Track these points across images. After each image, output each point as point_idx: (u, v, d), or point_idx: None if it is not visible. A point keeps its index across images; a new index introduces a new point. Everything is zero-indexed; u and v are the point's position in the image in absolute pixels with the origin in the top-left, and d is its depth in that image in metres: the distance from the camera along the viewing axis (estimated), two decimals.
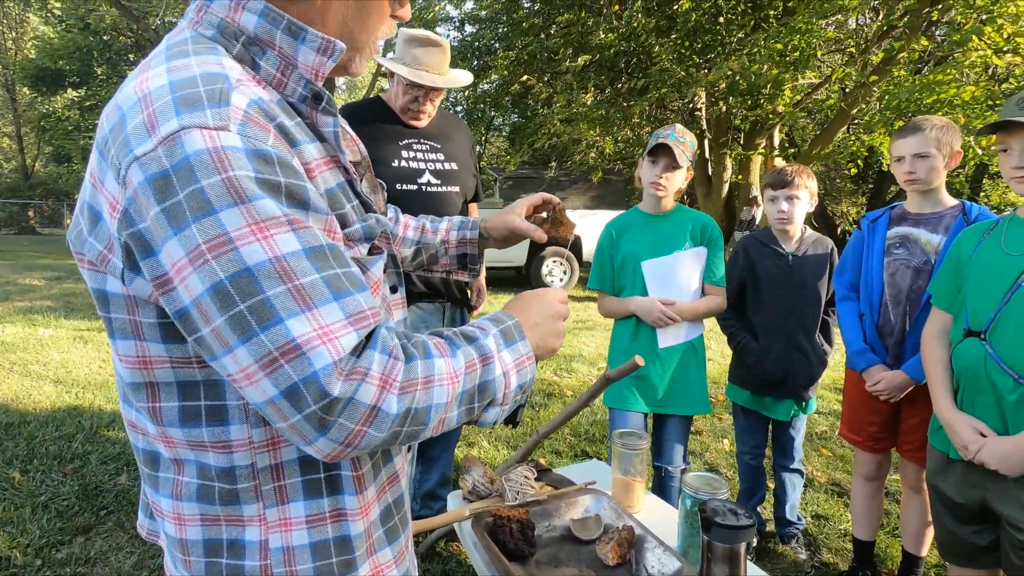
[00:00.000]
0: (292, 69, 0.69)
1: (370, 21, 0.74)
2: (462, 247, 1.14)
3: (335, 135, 0.73)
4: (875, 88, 6.20)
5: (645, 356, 2.10)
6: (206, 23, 0.69)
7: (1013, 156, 1.44)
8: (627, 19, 6.63)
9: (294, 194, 0.59)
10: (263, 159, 0.57)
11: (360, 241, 0.71)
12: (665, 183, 2.05)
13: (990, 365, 1.45)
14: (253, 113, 0.60)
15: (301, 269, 0.57)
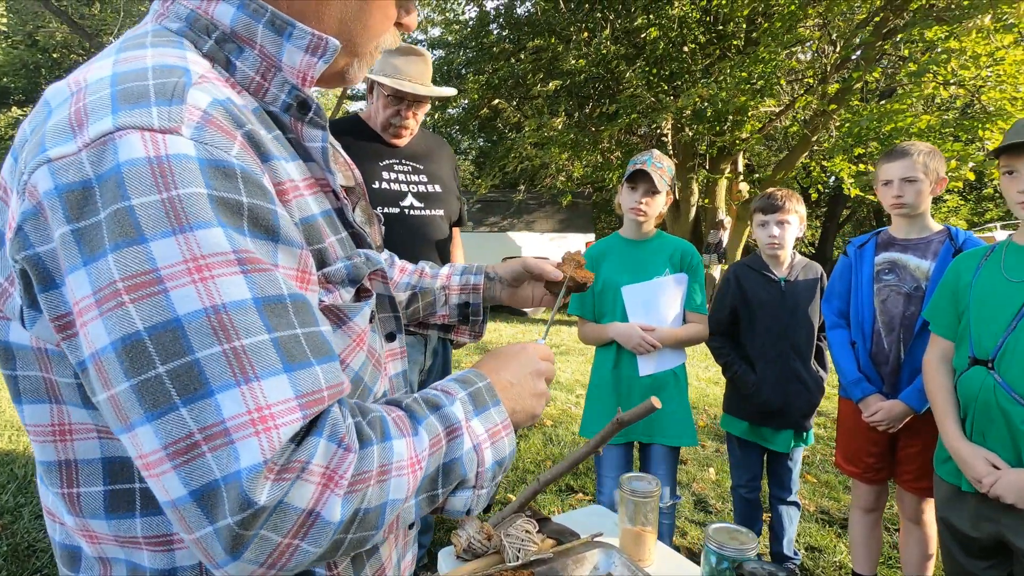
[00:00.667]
0: (275, 72, 0.57)
1: (372, 22, 0.63)
2: (464, 293, 0.99)
3: (323, 151, 0.61)
4: (835, 116, 6.44)
5: (627, 384, 2.09)
6: (173, 15, 0.57)
7: (1021, 179, 1.42)
8: (596, 46, 6.72)
9: (260, 219, 0.47)
10: (223, 172, 0.46)
11: (342, 284, 0.59)
12: (645, 208, 2.06)
13: (1000, 394, 1.41)
14: (216, 115, 0.48)
15: (247, 326, 0.44)
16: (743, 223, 7.93)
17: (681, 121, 6.84)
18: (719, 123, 6.48)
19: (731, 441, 2.35)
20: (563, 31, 7.05)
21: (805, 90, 6.81)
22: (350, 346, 0.60)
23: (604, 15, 7.11)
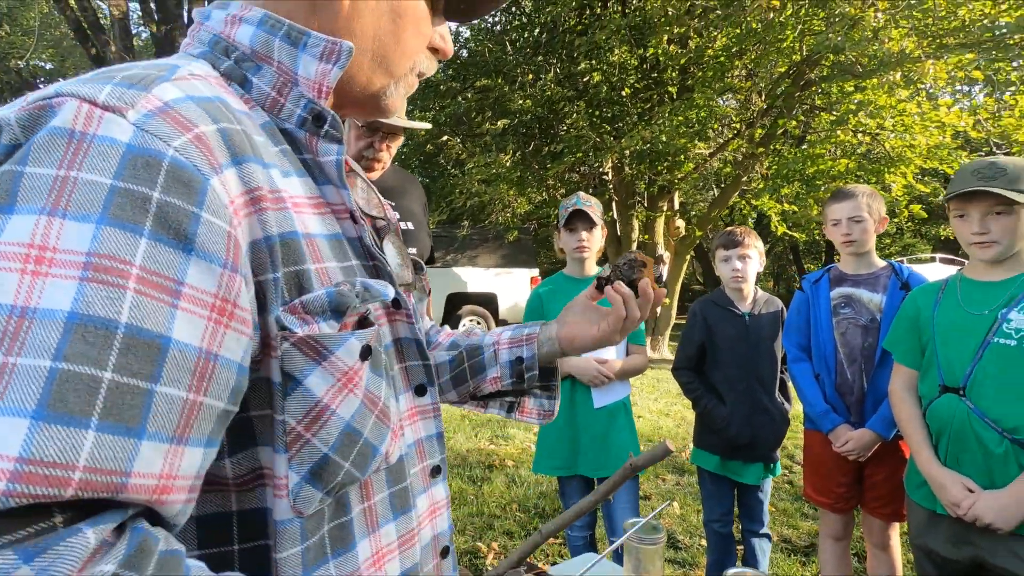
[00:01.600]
0: (291, 87, 0.55)
1: (405, 38, 0.60)
2: (515, 346, 0.85)
3: (337, 164, 0.56)
4: (762, 159, 6.92)
5: (582, 417, 2.14)
6: (197, 41, 0.56)
7: (973, 222, 1.53)
8: (540, 87, 6.94)
9: (169, 220, 0.39)
10: (145, 162, 0.39)
11: (322, 314, 0.50)
12: (587, 243, 2.19)
13: (974, 420, 1.48)
14: (178, 108, 0.43)
15: (37, 343, 0.34)
16: (681, 258, 8.28)
17: (622, 161, 7.12)
18: (659, 163, 6.81)
19: (702, 476, 2.36)
20: (510, 72, 7.25)
21: (735, 134, 7.29)
22: (334, 387, 0.50)
23: (548, 59, 7.38)
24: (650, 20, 6.34)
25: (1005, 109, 6.38)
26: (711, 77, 6.53)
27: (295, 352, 0.48)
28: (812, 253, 20.66)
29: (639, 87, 7.19)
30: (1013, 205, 1.47)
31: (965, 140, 7.22)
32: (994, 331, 1.49)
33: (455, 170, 9.68)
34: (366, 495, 0.57)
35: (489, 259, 9.48)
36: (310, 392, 0.49)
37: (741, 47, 6.09)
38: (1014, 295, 1.50)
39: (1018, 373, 1.44)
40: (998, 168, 1.49)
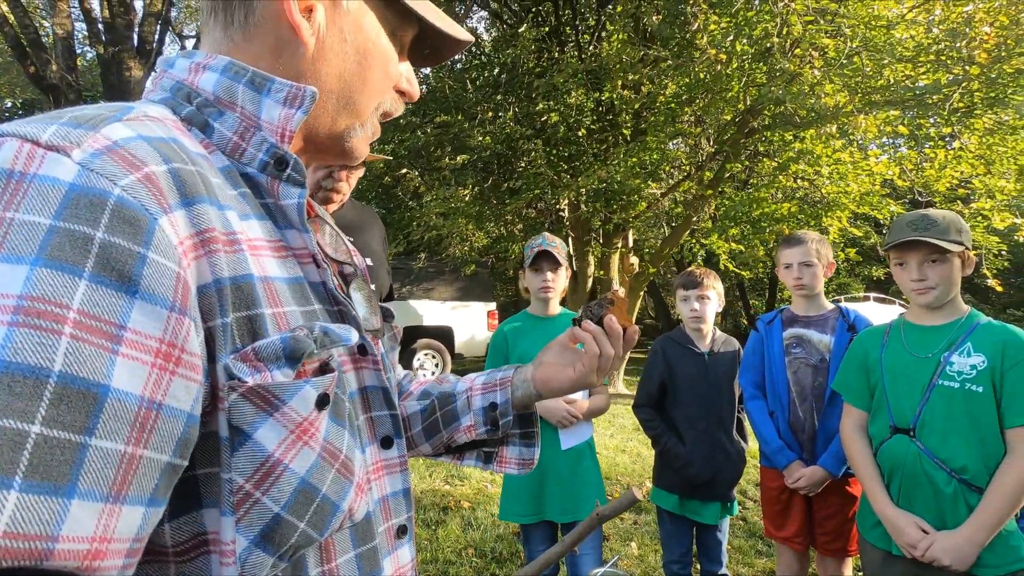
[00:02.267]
0: (253, 131, 0.54)
1: (372, 80, 0.60)
2: (489, 392, 0.81)
3: (299, 208, 0.54)
4: (710, 200, 7.24)
5: (548, 459, 2.10)
6: (159, 88, 0.56)
7: (911, 270, 1.62)
8: (499, 125, 7.07)
9: (113, 261, 0.37)
10: (89, 201, 0.37)
11: (276, 361, 0.47)
12: (552, 284, 2.20)
13: (925, 461, 1.54)
14: (127, 147, 0.41)
15: None
16: (635, 294, 8.45)
17: (579, 199, 7.29)
18: (614, 202, 7.00)
19: (661, 516, 2.34)
20: (469, 109, 7.36)
21: (685, 176, 7.61)
22: (288, 439, 0.46)
23: (507, 98, 7.55)
24: (605, 66, 6.61)
25: (926, 161, 6.93)
26: (663, 122, 6.82)
27: (244, 403, 0.45)
28: (757, 290, 21.55)
29: (595, 128, 7.43)
30: (946, 253, 1.57)
31: (892, 188, 7.78)
32: (938, 374, 1.57)
33: (413, 202, 9.65)
34: (326, 557, 0.54)
35: (445, 292, 9.41)
36: (260, 446, 0.45)
37: (690, 95, 6.41)
38: (953, 339, 1.59)
39: (962, 414, 1.51)
40: (930, 220, 1.59)
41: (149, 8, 11.14)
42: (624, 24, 6.81)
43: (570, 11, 8.01)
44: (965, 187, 6.90)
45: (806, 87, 5.42)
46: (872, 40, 5.34)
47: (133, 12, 10.72)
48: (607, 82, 6.73)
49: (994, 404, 1.49)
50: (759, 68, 5.90)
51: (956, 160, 6.53)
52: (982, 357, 1.52)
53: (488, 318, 9.34)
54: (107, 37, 10.49)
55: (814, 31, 5.32)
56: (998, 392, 1.49)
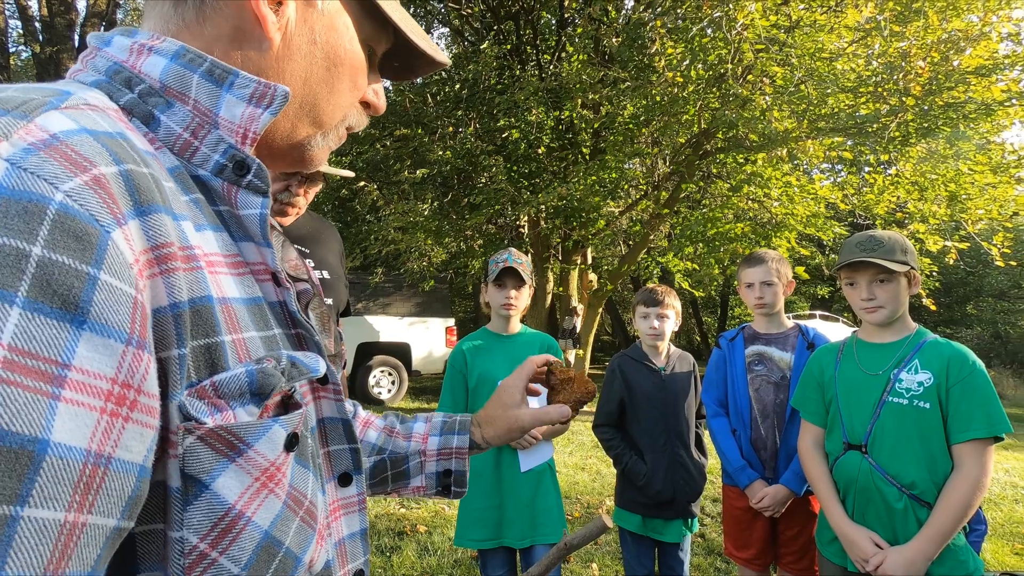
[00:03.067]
0: (208, 128, 0.47)
1: (339, 89, 0.55)
2: (444, 459, 0.81)
3: (261, 219, 0.48)
4: (667, 219, 7.42)
5: (508, 482, 2.05)
6: (91, 68, 0.48)
7: (861, 289, 1.67)
8: (460, 140, 7.07)
9: (54, 282, 0.30)
10: (23, 209, 0.30)
11: (240, 398, 0.42)
12: (515, 302, 2.16)
13: (876, 477, 1.56)
14: (69, 143, 0.34)
15: None
16: (594, 310, 8.53)
17: (539, 216, 7.34)
18: (573, 219, 7.08)
19: (624, 536, 2.31)
20: (430, 123, 7.33)
21: (642, 195, 7.78)
22: (252, 488, 0.41)
23: (468, 114, 7.56)
24: (565, 85, 6.72)
25: (866, 186, 7.33)
26: (621, 141, 6.98)
27: (201, 448, 0.39)
28: (709, 307, 22.18)
29: (555, 146, 7.52)
30: (893, 273, 1.62)
31: (835, 211, 8.18)
32: (888, 391, 1.61)
33: (371, 216, 9.50)
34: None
35: (402, 308, 9.24)
36: (219, 498, 0.39)
37: (648, 116, 6.59)
38: (902, 356, 1.63)
39: (910, 431, 1.55)
40: (877, 241, 1.64)
41: (93, 8, 10.69)
42: (584, 45, 6.97)
43: (531, 31, 8.14)
44: (902, 211, 7.32)
45: (757, 112, 5.65)
46: (817, 70, 5.63)
47: (74, 11, 10.25)
48: (567, 101, 6.84)
49: (941, 420, 1.53)
50: (713, 92, 6.12)
51: (893, 185, 6.93)
52: (928, 374, 1.57)
53: (446, 334, 9.22)
54: (44, 36, 9.98)
55: (765, 59, 5.57)
56: (944, 408, 1.53)
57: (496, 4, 7.97)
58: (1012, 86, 5.44)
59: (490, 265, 2.19)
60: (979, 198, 6.52)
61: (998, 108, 5.54)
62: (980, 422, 1.47)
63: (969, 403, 1.50)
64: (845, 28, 5.66)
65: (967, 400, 1.50)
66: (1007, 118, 5.96)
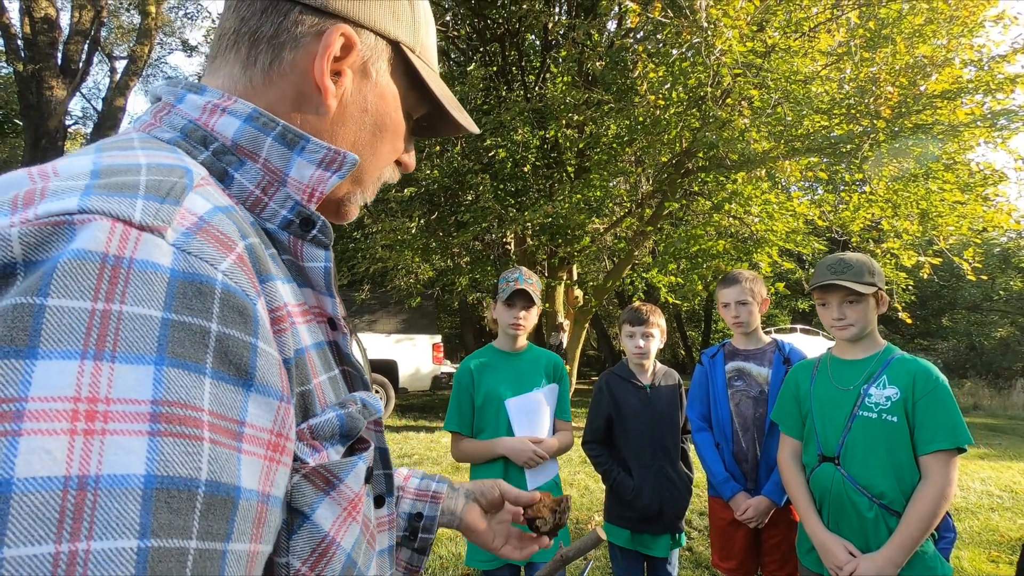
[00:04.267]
0: (277, 186, 0.51)
1: (381, 152, 0.60)
2: (420, 501, 0.82)
3: (326, 272, 0.53)
4: (650, 236, 7.58)
5: None
6: (166, 125, 0.50)
7: (832, 310, 1.77)
8: (447, 159, 7.17)
9: (230, 354, 0.36)
10: (196, 290, 0.35)
11: (331, 439, 0.48)
12: (523, 322, 2.18)
13: (848, 487, 1.65)
14: (214, 223, 0.40)
15: (113, 519, 0.29)
16: (580, 326, 8.63)
17: (525, 233, 7.44)
18: (559, 236, 7.20)
19: (614, 551, 2.37)
20: (417, 142, 7.42)
21: (626, 213, 7.95)
22: (340, 517, 0.47)
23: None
24: (550, 106, 6.88)
25: (842, 204, 7.57)
26: (605, 161, 7.15)
27: (305, 484, 0.45)
28: (693, 321, 22.43)
29: (540, 165, 7.66)
30: (862, 295, 1.73)
31: (814, 227, 8.42)
32: (859, 405, 1.70)
33: (358, 233, 9.53)
34: None
35: (388, 325, 9.24)
36: (318, 527, 0.45)
37: (631, 136, 6.76)
38: (871, 372, 1.73)
39: (880, 443, 1.64)
40: (846, 264, 1.75)
41: (77, 26, 10.67)
42: (568, 68, 7.14)
43: (516, 53, 8.32)
44: (876, 228, 7.56)
45: (736, 133, 5.84)
46: (792, 93, 5.85)
47: (58, 29, 10.24)
48: (552, 121, 6.99)
49: (908, 433, 1.62)
50: (693, 114, 6.31)
51: (868, 203, 7.17)
52: (896, 389, 1.66)
53: (433, 351, 9.22)
54: (27, 54, 9.94)
55: (742, 82, 5.77)
56: (911, 421, 1.63)
57: (482, 27, 8.15)
58: (976, 110, 5.70)
59: (500, 283, 2.19)
60: (949, 215, 6.77)
61: (964, 129, 5.79)
62: (944, 434, 1.57)
63: (934, 416, 1.59)
64: (819, 52, 5.90)
65: (931, 414, 1.60)
66: (973, 139, 6.22)
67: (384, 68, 0.57)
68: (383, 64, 0.57)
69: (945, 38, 5.77)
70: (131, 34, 14.03)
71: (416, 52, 0.59)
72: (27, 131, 10.19)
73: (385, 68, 0.57)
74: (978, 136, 6.13)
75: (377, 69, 0.56)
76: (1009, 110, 5.86)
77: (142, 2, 11.50)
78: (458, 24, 8.19)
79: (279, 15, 0.52)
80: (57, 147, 10.04)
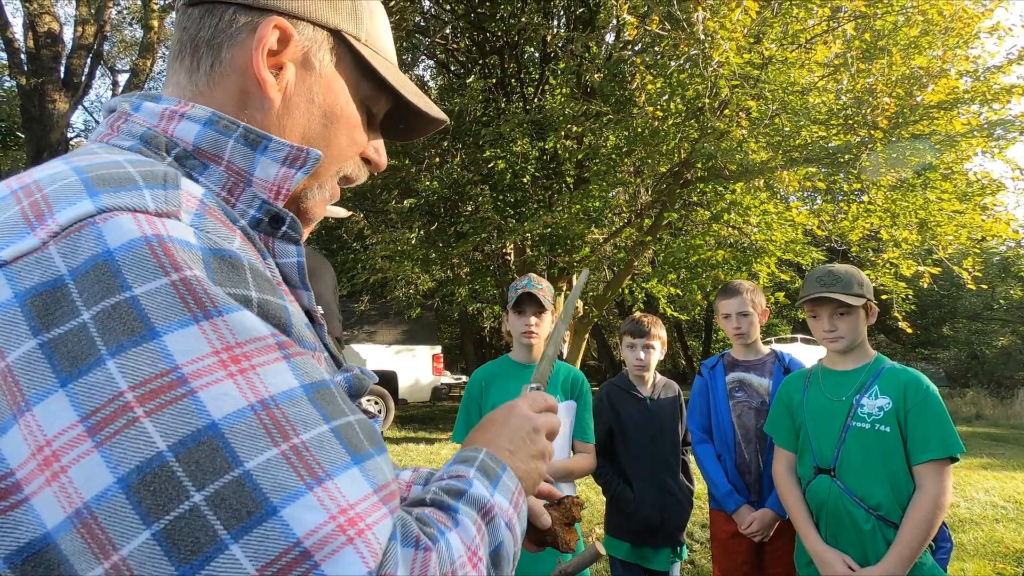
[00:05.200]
0: (243, 186, 0.53)
1: (336, 144, 0.60)
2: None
3: (299, 267, 0.56)
4: (650, 246, 7.58)
5: None
6: (124, 133, 0.51)
7: (823, 322, 1.77)
8: (447, 171, 7.20)
9: (272, 316, 0.42)
10: (229, 265, 0.40)
11: None
12: (536, 329, 2.10)
13: (845, 499, 1.64)
14: (212, 206, 0.44)
15: (304, 418, 0.38)
16: (580, 336, 8.60)
17: (524, 243, 7.45)
18: (558, 247, 7.21)
19: (613, 564, 2.35)
20: (417, 154, 7.46)
21: (626, 223, 7.96)
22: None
23: (454, 145, 7.71)
24: (549, 117, 6.91)
25: (840, 214, 7.58)
26: (604, 171, 7.17)
27: None
28: (694, 331, 22.39)
29: (539, 176, 7.69)
30: (852, 306, 1.73)
31: (813, 237, 8.43)
32: (852, 416, 1.69)
33: (357, 244, 9.55)
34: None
35: (388, 335, 9.22)
36: None
37: (629, 147, 6.79)
38: (863, 383, 1.73)
39: (874, 454, 1.63)
40: (835, 276, 1.75)
41: (79, 40, 10.76)
42: (567, 79, 7.19)
43: (515, 65, 8.38)
44: (875, 238, 7.56)
45: (734, 143, 5.87)
46: (790, 103, 5.88)
47: (61, 43, 10.32)
48: (551, 133, 7.02)
49: (901, 443, 1.62)
50: (692, 125, 6.34)
51: (866, 213, 7.18)
52: (887, 399, 1.66)
53: (433, 362, 9.18)
54: (29, 68, 10.01)
55: (740, 94, 5.80)
56: (903, 431, 1.62)
57: (481, 39, 8.22)
58: (972, 121, 5.72)
59: (510, 292, 2.14)
60: (948, 224, 6.78)
61: (961, 140, 5.81)
62: (936, 443, 1.56)
63: (925, 426, 1.59)
64: (815, 64, 5.94)
65: (923, 423, 1.59)
66: (970, 149, 6.25)
67: (327, 58, 0.57)
68: (325, 54, 0.57)
69: (941, 49, 5.81)
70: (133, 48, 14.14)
71: (363, 40, 0.59)
72: (29, 144, 10.24)
73: (329, 58, 0.57)
74: (975, 146, 6.15)
75: (320, 59, 0.57)
76: (1006, 120, 5.88)
77: (145, 17, 11.61)
78: (458, 37, 8.26)
79: (215, 17, 0.54)
80: None
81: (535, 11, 7.17)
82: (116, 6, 12.27)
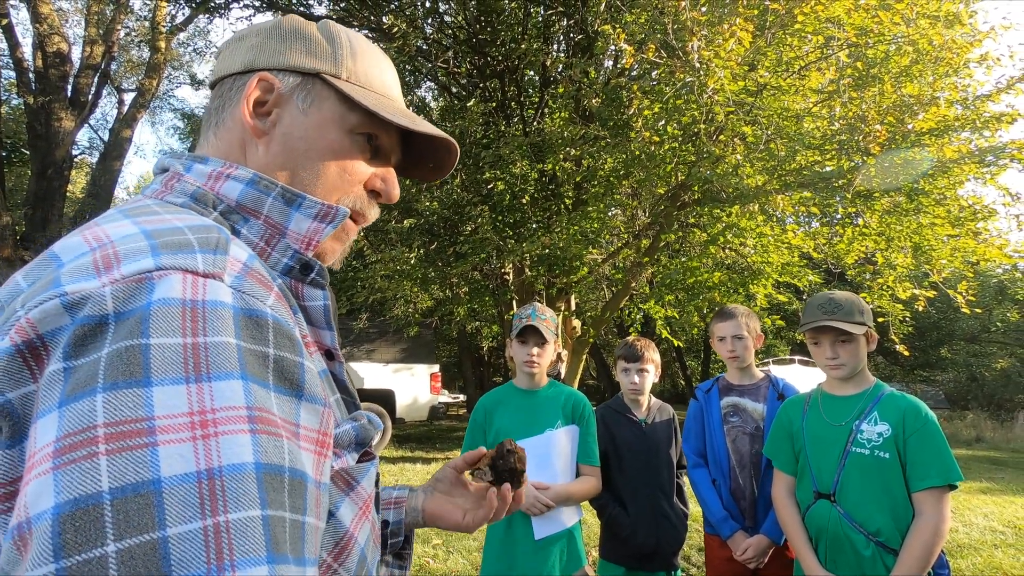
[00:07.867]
0: (279, 238, 0.60)
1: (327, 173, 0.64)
2: (385, 510, 0.85)
3: (325, 309, 0.61)
4: (647, 267, 7.64)
5: (521, 548, 1.98)
6: (177, 192, 0.59)
7: (825, 349, 1.81)
8: (447, 192, 7.28)
9: (285, 372, 0.45)
10: (255, 322, 0.45)
11: (349, 447, 0.57)
12: (537, 359, 2.14)
13: (845, 525, 1.65)
14: (255, 268, 0.49)
15: (240, 496, 0.37)
16: (578, 356, 8.61)
17: (523, 264, 7.51)
18: (557, 267, 7.26)
19: None
20: None
21: (624, 244, 8.03)
22: (358, 516, 0.56)
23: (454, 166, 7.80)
24: (548, 140, 7.02)
25: (836, 236, 7.65)
26: (602, 193, 7.26)
27: (331, 485, 0.52)
28: (693, 351, 22.37)
29: (538, 197, 7.78)
30: (854, 334, 1.76)
31: (809, 259, 8.50)
32: (852, 441, 1.72)
33: (357, 263, 9.60)
34: None
35: (386, 354, 9.21)
36: (341, 523, 0.53)
37: (627, 170, 6.89)
38: (862, 408, 1.76)
39: (873, 480, 1.66)
40: (836, 304, 1.78)
41: (87, 60, 10.94)
42: (566, 104, 7.31)
43: (515, 88, 8.53)
44: (870, 261, 7.63)
45: (730, 168, 5.96)
46: (784, 129, 5.99)
47: (69, 63, 10.49)
48: (550, 155, 7.12)
49: (900, 469, 1.64)
50: (688, 149, 6.44)
51: (861, 236, 7.26)
52: (887, 425, 1.69)
53: (431, 380, 9.17)
54: (37, 87, 10.17)
55: (735, 120, 5.91)
56: (903, 458, 1.64)
57: (482, 64, 8.37)
58: (963, 147, 5.83)
59: (514, 320, 2.18)
60: (941, 248, 6.85)
61: (952, 166, 5.91)
62: (935, 471, 1.59)
63: (925, 453, 1.61)
64: (809, 90, 6.06)
65: (923, 450, 1.62)
66: (962, 174, 6.34)
67: (309, 97, 0.64)
68: (307, 95, 0.64)
69: (931, 77, 5.94)
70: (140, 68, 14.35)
71: (343, 77, 0.64)
72: (34, 161, 10.34)
73: (310, 97, 0.64)
74: (967, 172, 6.24)
75: (303, 100, 0.63)
76: (996, 147, 5.99)
77: (152, 38, 11.81)
78: (459, 61, 8.42)
79: (223, 88, 0.65)
80: (63, 176, 10.18)
81: (535, 37, 7.33)
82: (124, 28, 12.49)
